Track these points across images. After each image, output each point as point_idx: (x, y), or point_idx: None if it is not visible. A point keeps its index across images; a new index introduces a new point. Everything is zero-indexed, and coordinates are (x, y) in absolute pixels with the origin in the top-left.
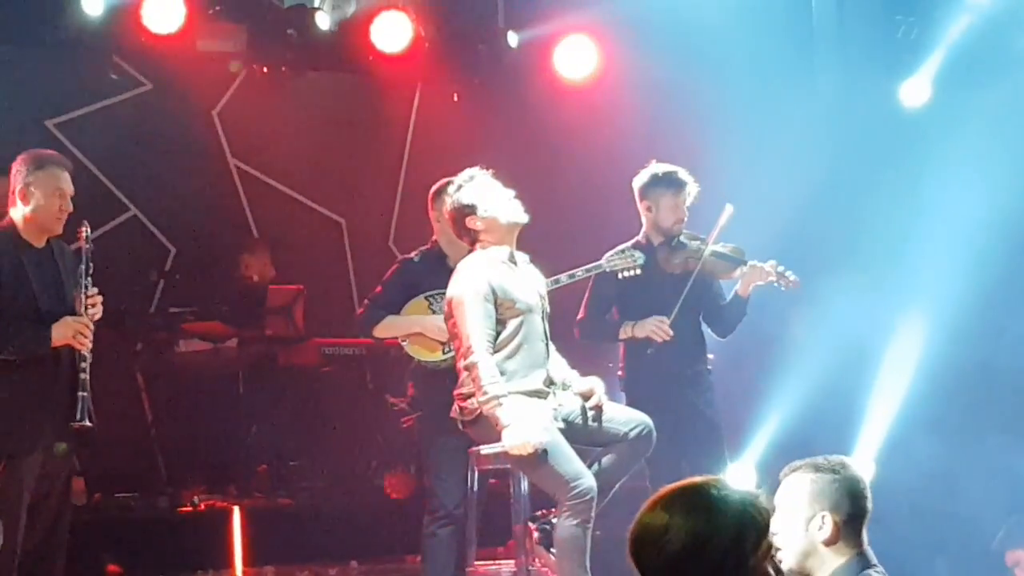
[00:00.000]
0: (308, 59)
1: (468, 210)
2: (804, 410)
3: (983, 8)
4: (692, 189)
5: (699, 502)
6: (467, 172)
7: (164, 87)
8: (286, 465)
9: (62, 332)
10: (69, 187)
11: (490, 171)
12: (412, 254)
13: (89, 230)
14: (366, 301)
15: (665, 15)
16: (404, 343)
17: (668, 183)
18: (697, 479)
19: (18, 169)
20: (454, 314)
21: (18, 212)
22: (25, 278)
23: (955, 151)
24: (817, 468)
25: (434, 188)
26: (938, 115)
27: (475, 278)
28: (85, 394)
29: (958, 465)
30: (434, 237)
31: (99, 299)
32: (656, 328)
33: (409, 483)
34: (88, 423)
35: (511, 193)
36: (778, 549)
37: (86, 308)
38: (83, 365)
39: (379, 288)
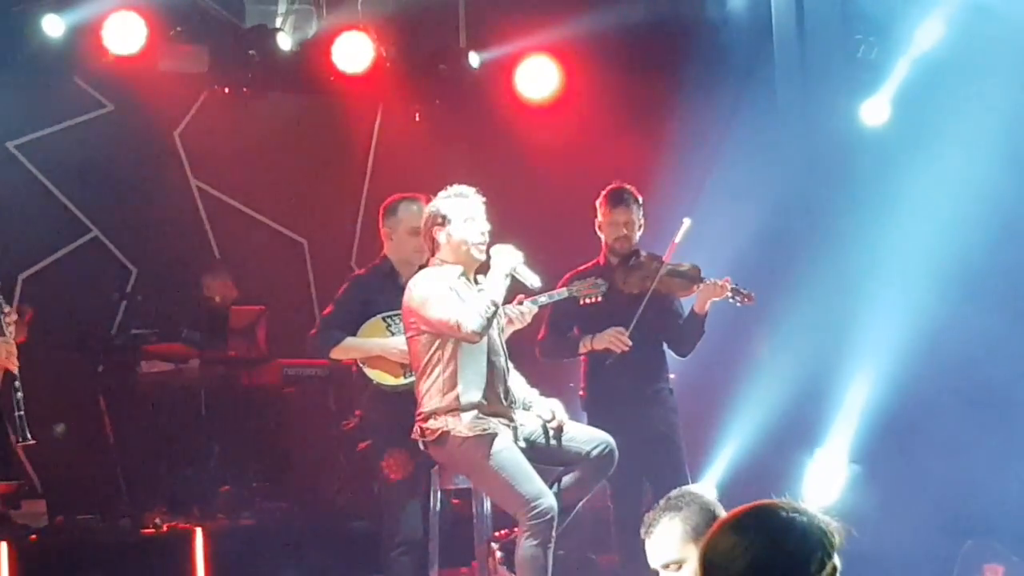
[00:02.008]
0: (270, 80)
1: (440, 221)
2: (766, 430)
3: (942, 27)
4: (633, 207)
5: (766, 523)
6: (462, 188)
7: (125, 108)
8: (249, 486)
9: None
10: None
11: (484, 200)
12: (361, 271)
13: None
14: (318, 321)
15: (624, 35)
16: (363, 366)
17: (608, 200)
18: (769, 500)
19: None
20: (420, 314)
21: None
22: None
23: (916, 170)
24: (677, 508)
25: (385, 204)
26: (898, 134)
27: (436, 281)
28: (21, 413)
29: (913, 488)
30: (383, 252)
31: (14, 317)
32: (614, 338)
33: (407, 464)
34: (31, 440)
35: (486, 228)
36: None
37: (3, 328)
38: (16, 384)
39: (331, 307)
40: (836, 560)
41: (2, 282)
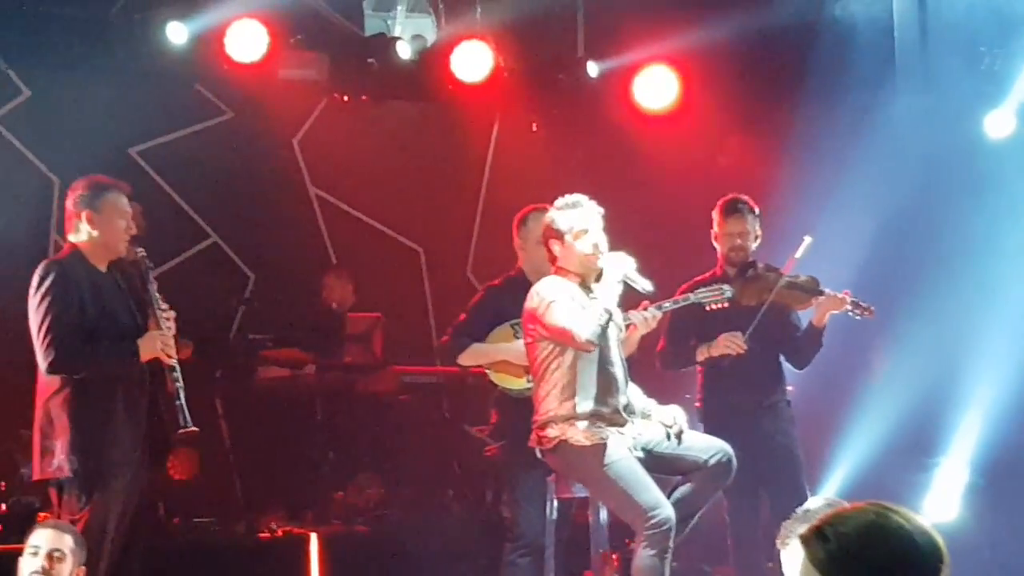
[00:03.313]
0: (388, 88)
1: (554, 233)
2: (884, 444)
3: None
4: (748, 217)
5: (872, 533)
6: (577, 197)
7: (246, 115)
8: (363, 493)
9: (150, 346)
10: (130, 210)
11: (600, 209)
12: (497, 281)
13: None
14: (450, 329)
15: (744, 45)
16: (489, 371)
17: (723, 210)
18: (878, 506)
19: (80, 195)
20: (540, 320)
21: (82, 236)
22: (102, 299)
23: None
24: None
25: (519, 215)
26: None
27: (557, 290)
28: (181, 402)
29: None
30: (519, 264)
31: (172, 314)
32: (729, 342)
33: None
34: (193, 428)
35: (601, 239)
36: None
37: (161, 323)
38: (175, 375)
39: (463, 316)
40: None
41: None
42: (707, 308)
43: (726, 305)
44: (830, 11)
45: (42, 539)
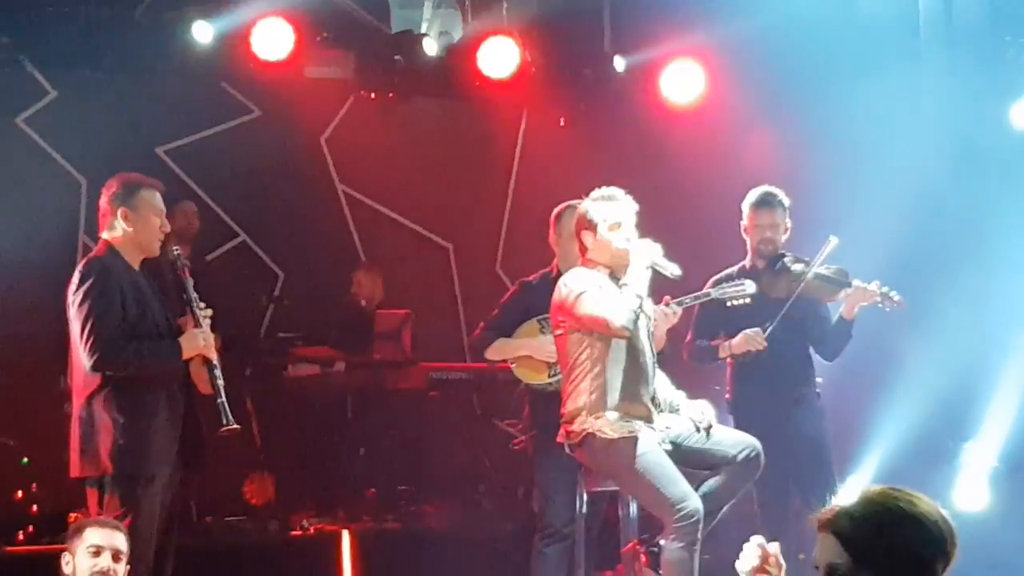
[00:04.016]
0: (415, 85)
1: (587, 224)
2: (914, 435)
3: None
4: (778, 209)
5: (884, 516)
6: (612, 190)
7: (273, 114)
8: (394, 489)
9: (193, 343)
10: (164, 208)
11: (636, 205)
12: (532, 277)
13: (178, 250)
14: (482, 324)
15: (771, 38)
16: (513, 365)
17: (754, 203)
18: (887, 491)
19: (115, 192)
20: (570, 312)
21: (117, 233)
22: (141, 297)
23: None
24: None
25: (556, 212)
26: None
27: (586, 280)
28: (223, 399)
29: None
30: (556, 261)
31: (210, 312)
32: (751, 340)
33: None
34: (235, 425)
35: (632, 235)
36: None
37: (200, 321)
38: (216, 372)
39: (496, 311)
40: (953, 551)
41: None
42: (728, 304)
43: (748, 301)
44: (856, 2)
45: (101, 537)
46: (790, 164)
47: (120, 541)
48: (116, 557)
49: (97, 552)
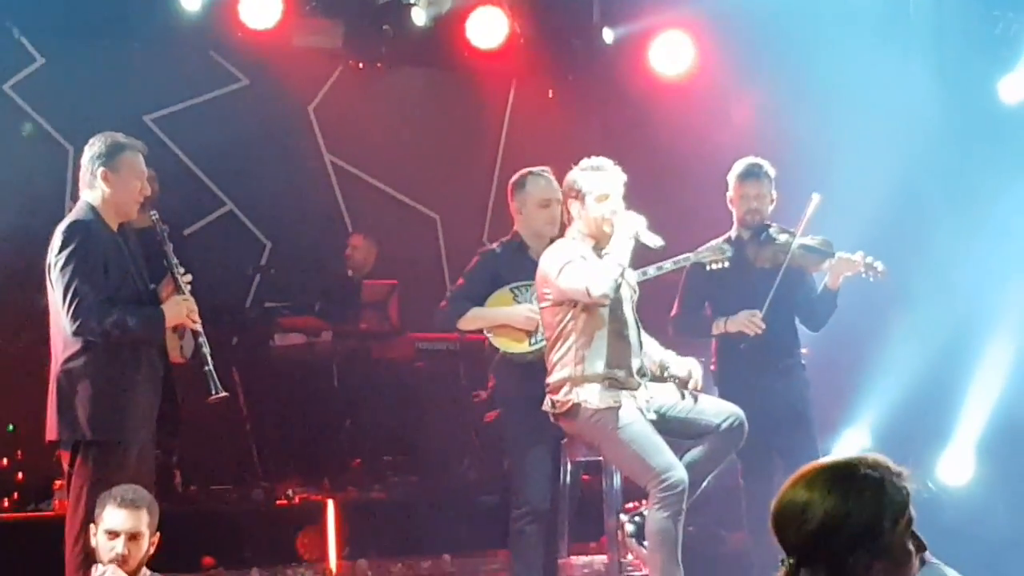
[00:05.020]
0: (404, 55)
1: (575, 194)
2: (898, 405)
3: None
4: (764, 180)
5: (839, 480)
6: (600, 161)
7: (261, 83)
8: (380, 459)
9: (175, 312)
10: (146, 171)
11: (624, 176)
12: (493, 245)
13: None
14: (448, 293)
15: (759, 9)
16: (489, 335)
17: (740, 173)
18: (843, 456)
19: (97, 151)
20: (554, 283)
21: (95, 195)
22: (123, 261)
23: None
24: None
25: (513, 179)
26: None
27: (570, 251)
28: (210, 367)
29: None
30: (515, 228)
31: (189, 277)
32: (748, 322)
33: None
34: (224, 393)
35: (619, 206)
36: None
37: (182, 288)
38: (201, 340)
39: (461, 280)
40: (911, 512)
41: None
42: (707, 268)
43: (726, 264)
44: None
45: (119, 521)
46: (776, 134)
47: (143, 521)
48: (134, 538)
49: (113, 535)
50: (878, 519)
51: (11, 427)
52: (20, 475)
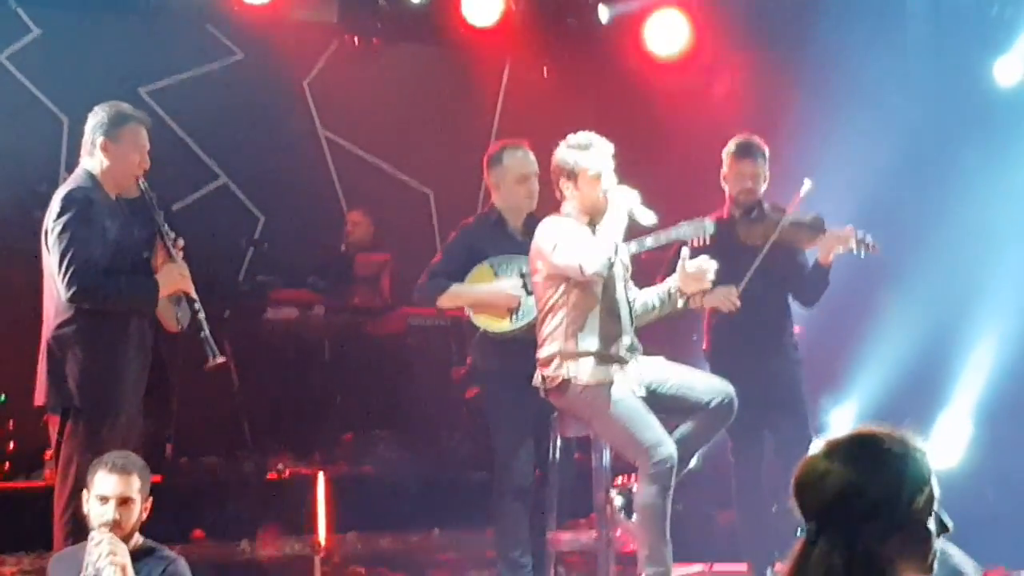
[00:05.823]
0: (399, 31)
1: (567, 173)
2: (891, 383)
3: None
4: (759, 159)
5: (862, 452)
6: (589, 137)
7: (256, 57)
8: (371, 434)
9: (170, 279)
10: (148, 144)
11: (611, 147)
12: (469, 219)
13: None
14: (427, 270)
15: None
16: (470, 312)
17: (735, 151)
18: (871, 429)
19: (100, 120)
20: (547, 258)
21: (95, 163)
22: (120, 231)
23: None
24: None
25: (488, 153)
26: None
27: (564, 227)
28: (206, 333)
29: None
30: (492, 202)
31: (182, 243)
32: (724, 298)
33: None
34: (222, 358)
35: (610, 184)
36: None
37: (174, 255)
38: (196, 307)
39: (439, 255)
40: (934, 487)
41: None
42: (690, 244)
43: (708, 242)
44: None
45: (107, 487)
46: (771, 113)
47: (133, 487)
48: (125, 503)
49: (103, 500)
50: (896, 493)
51: (2, 397)
52: (11, 445)
